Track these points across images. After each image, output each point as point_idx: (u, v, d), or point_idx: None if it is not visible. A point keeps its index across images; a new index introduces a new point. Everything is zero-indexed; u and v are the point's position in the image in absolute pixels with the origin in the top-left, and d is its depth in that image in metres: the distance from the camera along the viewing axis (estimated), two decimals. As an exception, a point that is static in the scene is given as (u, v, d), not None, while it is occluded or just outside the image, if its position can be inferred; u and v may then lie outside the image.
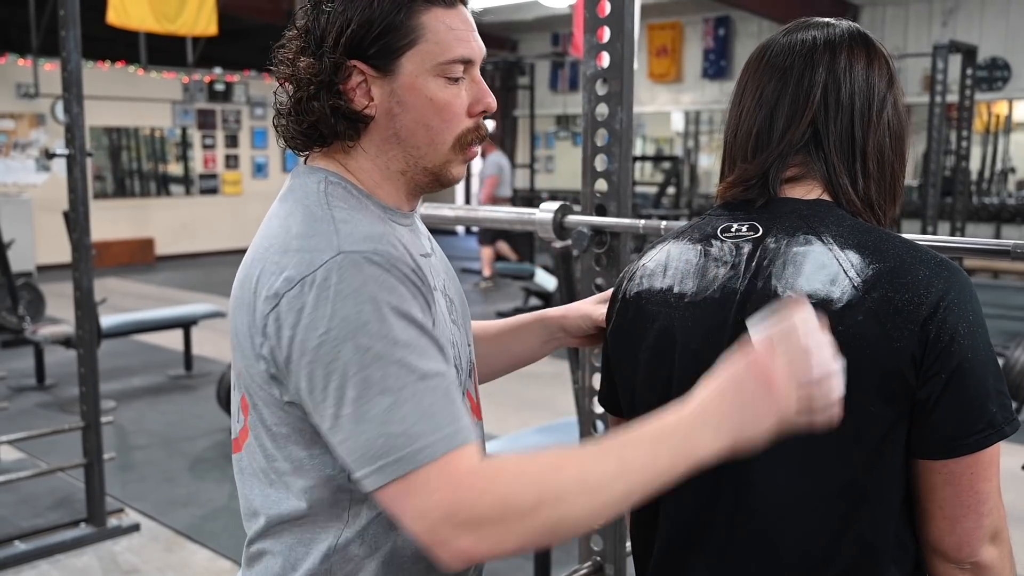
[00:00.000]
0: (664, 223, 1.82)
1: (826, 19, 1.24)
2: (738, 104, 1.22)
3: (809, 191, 1.17)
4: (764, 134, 1.17)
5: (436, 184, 1.19)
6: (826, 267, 1.09)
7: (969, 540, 1.09)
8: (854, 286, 1.06)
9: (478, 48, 1.16)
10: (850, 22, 1.24)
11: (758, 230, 1.16)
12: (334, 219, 1.06)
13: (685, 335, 1.17)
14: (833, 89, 1.16)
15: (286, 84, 1.14)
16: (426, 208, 2.07)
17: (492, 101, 1.18)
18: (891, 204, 1.20)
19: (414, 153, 1.15)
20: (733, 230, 1.17)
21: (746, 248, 1.15)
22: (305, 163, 1.19)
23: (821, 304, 1.06)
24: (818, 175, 1.17)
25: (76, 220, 3.85)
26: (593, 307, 1.45)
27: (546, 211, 1.96)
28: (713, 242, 1.19)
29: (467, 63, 1.15)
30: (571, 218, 1.96)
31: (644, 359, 1.23)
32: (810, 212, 1.14)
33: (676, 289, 1.19)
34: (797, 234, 1.13)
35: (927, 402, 1.05)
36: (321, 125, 1.12)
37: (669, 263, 1.23)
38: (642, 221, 1.88)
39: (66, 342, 6.28)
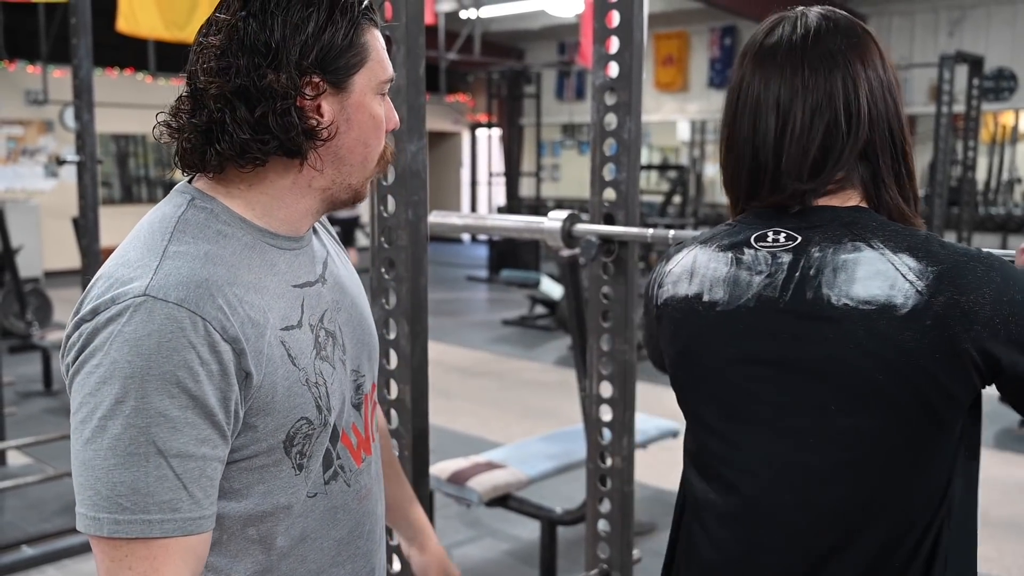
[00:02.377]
0: (672, 232, 1.83)
1: (816, 11, 1.21)
2: (749, 112, 1.18)
3: (847, 199, 1.15)
4: (799, 154, 1.13)
5: (353, 201, 1.18)
6: (882, 272, 1.07)
7: None
8: (918, 291, 1.05)
9: None
10: (837, 11, 1.21)
11: (796, 239, 1.14)
12: (164, 254, 1.02)
13: (717, 343, 1.17)
14: (864, 92, 1.14)
15: (223, 95, 1.06)
16: (435, 216, 2.08)
17: (397, 119, 1.19)
18: (916, 203, 1.19)
19: (345, 171, 1.14)
20: (769, 239, 1.15)
21: (785, 258, 1.13)
22: (190, 181, 1.14)
23: (883, 311, 1.06)
24: (857, 182, 1.15)
25: (86, 226, 3.87)
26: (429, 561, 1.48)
27: (555, 220, 1.98)
28: (745, 250, 1.17)
29: (391, 82, 1.16)
30: (580, 227, 1.97)
31: (678, 365, 1.24)
32: (852, 219, 1.12)
33: (705, 297, 1.18)
34: (844, 241, 1.10)
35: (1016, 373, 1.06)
36: (289, 143, 1.07)
37: (696, 269, 1.21)
38: (650, 230, 1.89)
39: (73, 348, 6.30)
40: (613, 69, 1.95)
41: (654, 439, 4.16)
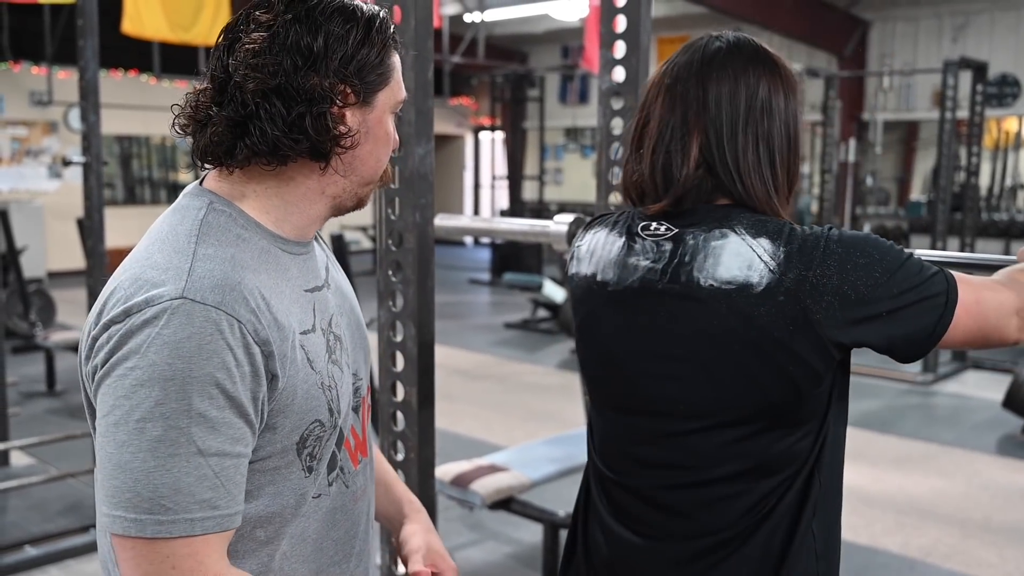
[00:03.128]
0: None
1: (717, 34, 1.34)
2: (645, 124, 1.29)
3: (722, 200, 1.26)
4: (668, 168, 1.25)
5: (356, 208, 1.23)
6: (742, 255, 1.19)
7: None
8: (770, 270, 1.17)
9: None
10: (737, 34, 1.32)
11: (674, 230, 1.25)
12: (195, 256, 1.04)
13: (607, 321, 1.30)
14: (712, 104, 1.24)
15: (262, 91, 1.07)
16: (441, 219, 2.08)
17: (398, 140, 1.24)
18: (787, 200, 1.29)
19: (356, 181, 1.18)
20: (652, 229, 1.27)
21: (667, 246, 1.25)
22: (201, 183, 1.16)
23: (741, 289, 1.17)
24: (725, 188, 1.25)
25: (91, 227, 3.87)
26: (415, 541, 1.38)
27: (560, 223, 1.98)
28: (636, 238, 1.29)
29: (402, 103, 1.22)
30: None
31: (578, 338, 1.37)
32: (723, 213, 1.24)
33: (599, 277, 1.31)
34: (713, 230, 1.22)
35: (879, 327, 1.16)
36: (320, 145, 1.10)
37: (595, 251, 1.34)
38: None
39: (76, 348, 6.30)
40: (619, 73, 1.95)
41: (657, 443, 4.15)
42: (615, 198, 2.00)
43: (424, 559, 1.34)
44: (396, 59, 1.18)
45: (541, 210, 13.41)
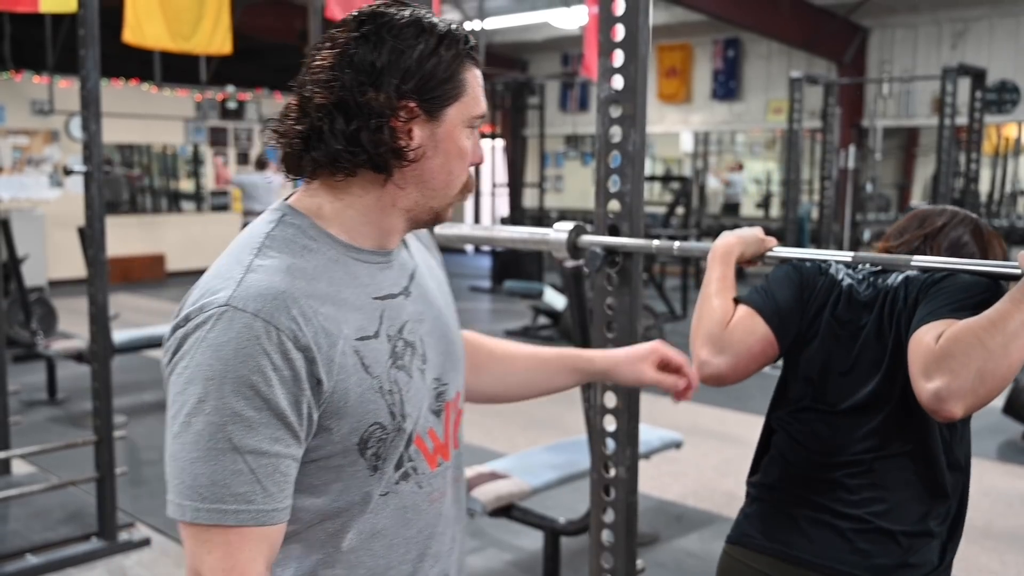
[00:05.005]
0: (677, 243, 1.85)
1: None
2: None
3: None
4: None
5: (434, 222, 1.27)
6: None
7: None
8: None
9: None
10: None
11: None
12: (250, 267, 1.11)
13: None
14: None
15: (326, 106, 1.13)
16: (441, 227, 2.09)
17: (483, 155, 1.27)
18: None
19: (428, 194, 1.21)
20: None
21: None
22: (286, 200, 1.22)
23: None
24: None
25: (92, 236, 3.88)
26: (645, 366, 1.55)
27: (560, 231, 1.99)
28: None
29: (482, 118, 1.24)
30: (585, 238, 1.99)
31: None
32: None
33: None
34: None
35: None
36: (378, 158, 1.14)
37: None
38: (655, 242, 1.90)
39: (78, 357, 6.31)
40: (618, 82, 1.96)
41: (657, 450, 4.16)
42: (615, 205, 2.01)
43: (657, 373, 1.54)
44: (471, 74, 1.20)
45: (542, 217, 13.42)
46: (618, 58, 1.95)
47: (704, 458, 5.38)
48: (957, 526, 1.69)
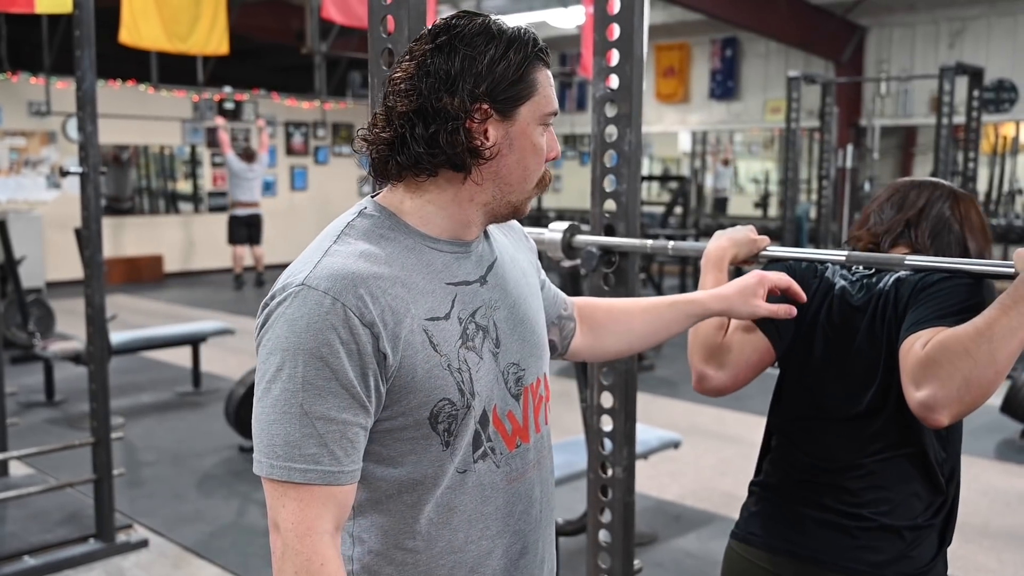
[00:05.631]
0: (672, 243, 1.84)
1: None
2: None
3: None
4: None
5: (513, 216, 1.35)
6: None
7: None
8: None
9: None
10: None
11: None
12: (327, 252, 1.22)
13: None
14: None
15: (407, 114, 1.23)
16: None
17: (559, 150, 1.36)
18: None
19: (505, 189, 1.30)
20: None
21: None
22: (372, 198, 1.33)
23: None
24: None
25: (88, 237, 3.87)
26: (757, 300, 1.60)
27: (555, 231, 1.99)
28: None
29: (555, 115, 1.32)
30: (580, 238, 1.98)
31: None
32: None
33: None
34: None
35: None
36: (455, 158, 1.23)
37: None
38: (650, 241, 1.90)
39: (75, 358, 6.30)
40: (613, 81, 1.96)
41: (655, 450, 4.16)
42: (611, 205, 2.01)
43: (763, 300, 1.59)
44: (541, 74, 1.28)
45: (540, 217, 13.42)
46: (614, 57, 1.95)
47: (702, 458, 5.38)
48: (952, 513, 1.72)
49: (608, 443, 2.05)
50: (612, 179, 1.99)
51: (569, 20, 11.55)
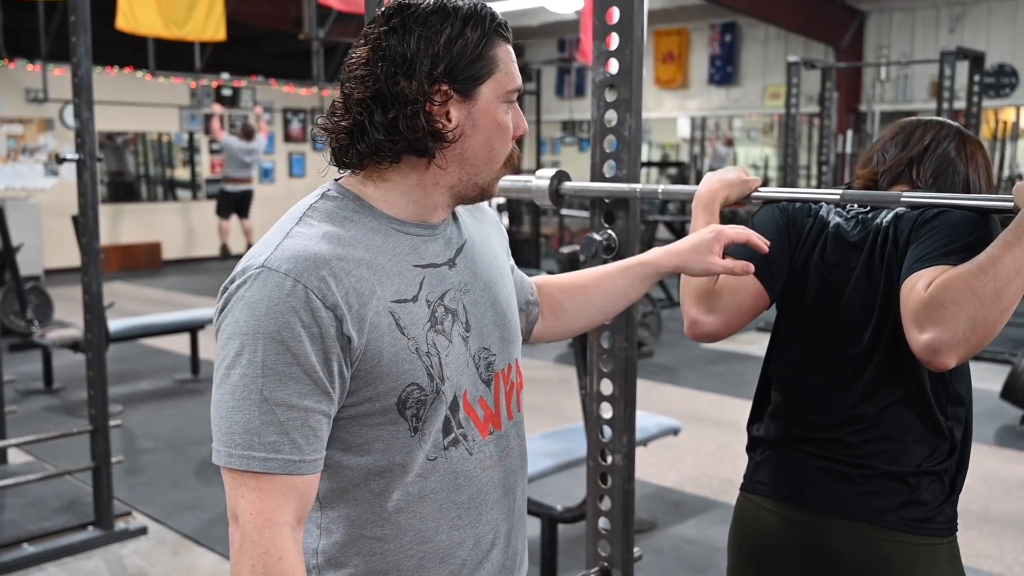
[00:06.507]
0: (662, 187, 1.87)
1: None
2: None
3: None
4: None
5: (481, 197, 1.32)
6: None
7: None
8: None
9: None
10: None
11: None
12: (289, 233, 1.19)
13: None
14: None
15: (364, 100, 1.19)
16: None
17: (526, 126, 1.31)
18: None
19: (471, 171, 1.27)
20: None
21: None
22: (336, 181, 1.29)
23: None
24: None
25: (85, 224, 3.86)
26: (713, 257, 1.53)
27: (542, 178, 1.97)
28: None
29: (519, 92, 1.28)
30: (567, 185, 1.97)
31: None
32: None
33: None
34: None
35: None
36: (417, 143, 1.20)
37: None
38: (639, 186, 1.89)
39: (74, 346, 6.30)
40: (613, 66, 1.94)
41: (655, 437, 4.15)
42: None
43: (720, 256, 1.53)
44: (501, 50, 1.24)
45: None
46: (613, 41, 1.93)
47: (702, 444, 5.38)
48: (964, 457, 1.68)
49: (608, 430, 2.04)
50: (612, 164, 1.97)
51: (568, 5, 11.49)
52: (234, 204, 12.07)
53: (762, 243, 1.55)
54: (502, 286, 1.39)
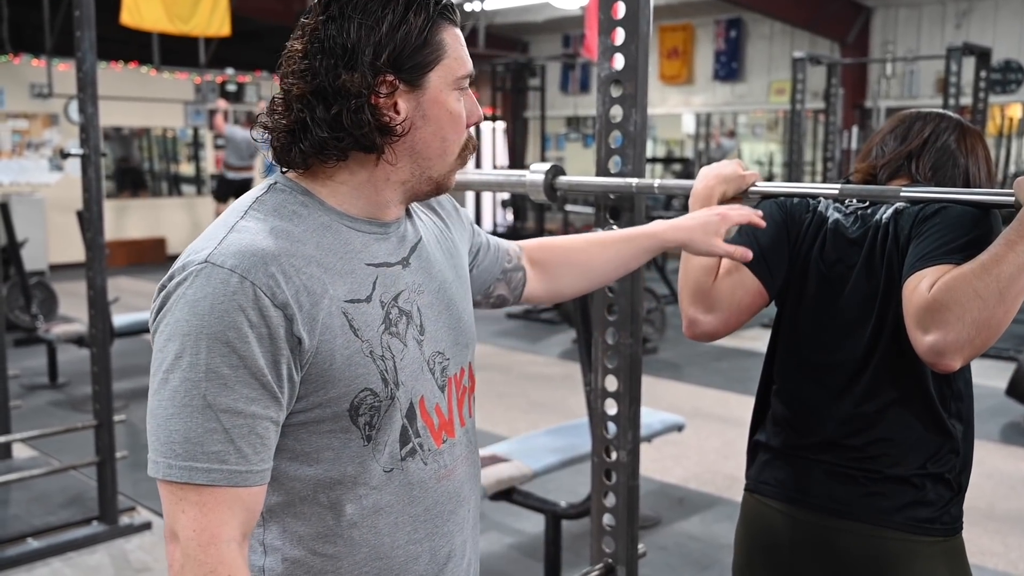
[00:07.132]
0: (658, 182, 1.84)
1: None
2: None
3: None
4: None
5: (436, 192, 1.24)
6: None
7: None
8: None
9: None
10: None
11: None
12: (233, 228, 1.10)
13: None
14: None
15: (304, 96, 1.13)
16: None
17: (481, 113, 1.24)
18: None
19: (424, 164, 1.19)
20: None
21: None
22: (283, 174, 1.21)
23: None
24: None
25: (90, 219, 3.86)
26: (718, 240, 1.57)
27: (537, 172, 1.96)
28: None
29: (470, 78, 1.21)
30: (562, 179, 1.96)
31: None
32: None
33: None
34: None
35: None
36: (364, 139, 1.13)
37: None
38: (635, 180, 1.87)
39: (78, 341, 6.30)
40: (619, 61, 1.93)
41: (659, 433, 4.15)
42: (615, 187, 1.98)
43: (723, 237, 1.56)
44: (449, 34, 1.16)
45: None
46: (619, 36, 1.92)
47: (706, 441, 5.38)
48: (967, 454, 1.68)
49: (612, 427, 2.03)
50: (617, 160, 1.96)
51: (572, 1, 11.48)
52: (234, 191, 12.03)
53: (761, 221, 1.60)
54: (457, 286, 1.32)
